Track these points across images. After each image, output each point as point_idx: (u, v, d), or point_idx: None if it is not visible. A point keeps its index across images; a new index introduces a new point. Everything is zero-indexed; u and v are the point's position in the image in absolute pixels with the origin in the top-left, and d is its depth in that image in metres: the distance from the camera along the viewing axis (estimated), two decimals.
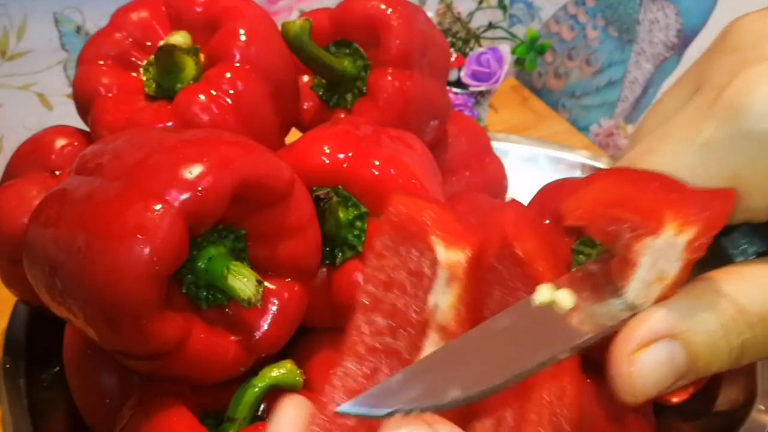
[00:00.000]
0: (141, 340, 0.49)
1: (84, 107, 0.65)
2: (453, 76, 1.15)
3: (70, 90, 1.08)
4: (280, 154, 0.61)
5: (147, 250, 0.46)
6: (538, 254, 0.37)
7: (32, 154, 0.67)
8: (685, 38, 1.10)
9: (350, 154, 0.60)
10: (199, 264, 0.52)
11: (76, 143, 0.67)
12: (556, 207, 0.41)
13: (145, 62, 0.66)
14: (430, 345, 0.33)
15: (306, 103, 0.73)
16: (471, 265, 0.35)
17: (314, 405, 0.33)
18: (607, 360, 0.31)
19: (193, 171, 0.48)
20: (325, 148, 0.61)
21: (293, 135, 0.69)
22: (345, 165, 0.60)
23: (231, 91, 0.61)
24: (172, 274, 0.49)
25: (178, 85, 0.63)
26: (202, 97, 0.61)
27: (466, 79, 1.15)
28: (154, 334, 0.49)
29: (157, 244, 0.46)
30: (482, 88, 1.15)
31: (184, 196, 0.48)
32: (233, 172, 0.50)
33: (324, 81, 0.73)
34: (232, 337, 0.54)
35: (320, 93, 0.73)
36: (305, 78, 0.74)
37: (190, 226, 0.48)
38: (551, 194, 0.68)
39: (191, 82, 0.64)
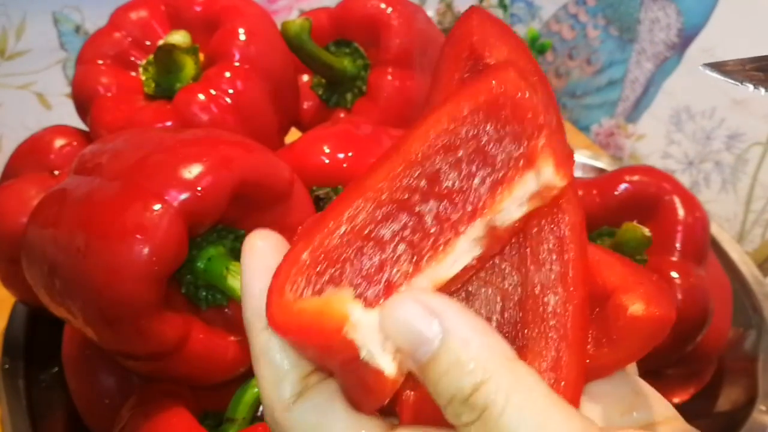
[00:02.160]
0: (140, 340, 0.49)
1: (83, 107, 0.65)
2: None
3: (69, 89, 1.08)
4: (279, 153, 0.61)
5: (146, 250, 0.46)
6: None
7: (31, 154, 0.67)
8: (686, 37, 1.10)
9: (350, 154, 0.60)
10: (198, 264, 0.52)
11: (75, 143, 0.67)
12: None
13: (144, 62, 0.66)
14: (469, 238, 0.29)
15: (306, 103, 0.73)
16: (558, 200, 0.31)
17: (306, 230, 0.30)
18: None
19: (192, 171, 0.48)
20: (325, 147, 0.61)
21: (293, 135, 0.70)
22: (345, 165, 0.60)
23: (230, 91, 0.61)
24: (172, 274, 0.49)
25: (178, 85, 0.63)
26: (201, 96, 0.61)
27: None
28: (153, 334, 0.48)
29: (156, 244, 0.46)
30: None
31: (184, 196, 0.48)
32: (233, 172, 0.50)
33: (324, 80, 0.72)
34: (232, 338, 0.54)
35: (320, 92, 0.73)
36: (305, 77, 0.74)
37: (189, 226, 0.48)
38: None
39: (190, 81, 0.63)
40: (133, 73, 0.66)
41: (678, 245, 0.63)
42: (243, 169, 0.50)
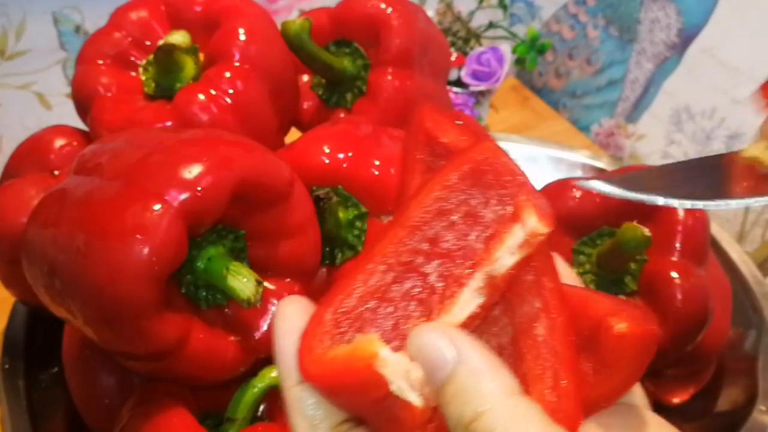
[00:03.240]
0: (140, 340, 0.49)
1: (83, 107, 0.65)
2: (453, 75, 1.15)
3: (69, 89, 1.08)
4: (279, 153, 0.61)
5: (146, 250, 0.46)
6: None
7: (31, 154, 0.67)
8: (686, 38, 1.10)
9: (350, 154, 0.60)
10: (198, 264, 0.52)
11: (75, 143, 0.67)
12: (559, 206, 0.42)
13: (144, 62, 0.66)
14: (471, 288, 0.33)
15: (306, 103, 0.73)
16: (542, 246, 0.35)
17: (329, 297, 0.33)
18: None
19: (192, 171, 0.48)
20: (325, 147, 0.60)
21: (293, 135, 0.69)
22: (345, 165, 0.60)
23: (230, 91, 0.61)
24: (172, 274, 0.49)
25: (178, 85, 0.63)
26: (201, 96, 0.61)
27: (466, 79, 1.15)
28: (153, 334, 0.48)
29: (157, 244, 0.46)
30: (482, 87, 1.14)
31: (184, 196, 0.47)
32: (233, 172, 0.50)
33: (324, 80, 0.72)
34: (232, 338, 0.54)
35: (320, 92, 0.73)
36: (305, 77, 0.74)
37: (189, 226, 0.48)
38: (552, 194, 0.68)
39: (190, 81, 0.63)
40: (133, 73, 0.65)
41: (678, 245, 0.63)
42: (243, 169, 0.50)
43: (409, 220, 0.34)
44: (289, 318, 0.34)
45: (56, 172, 0.65)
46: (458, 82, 1.15)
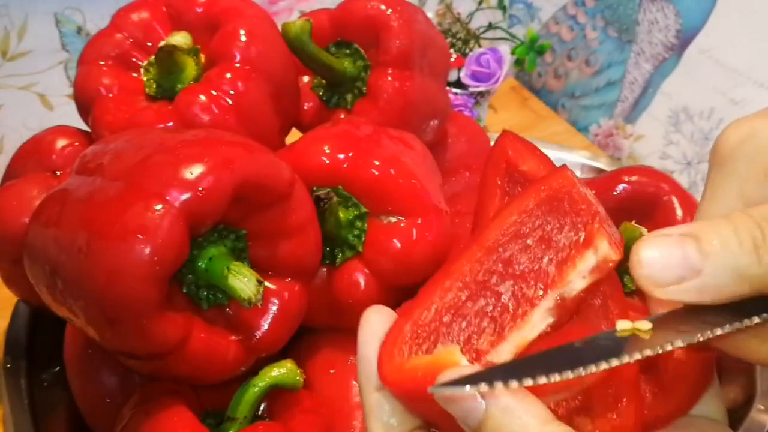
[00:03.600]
0: (142, 340, 0.49)
1: (85, 107, 0.65)
2: (453, 76, 1.16)
3: (70, 90, 1.08)
4: (280, 154, 0.61)
5: (148, 250, 0.46)
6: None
7: (33, 155, 0.67)
8: (684, 39, 1.10)
9: (350, 154, 0.60)
10: (199, 264, 0.52)
11: (76, 143, 0.67)
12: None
13: (145, 62, 0.66)
14: (542, 309, 0.35)
15: (306, 104, 0.73)
16: (611, 272, 0.36)
17: (408, 314, 0.35)
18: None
19: (193, 171, 0.48)
20: (326, 148, 0.60)
21: (293, 135, 0.69)
22: (345, 165, 0.60)
23: (231, 92, 0.61)
24: (173, 274, 0.49)
25: (179, 86, 0.63)
26: (202, 97, 0.61)
27: (465, 80, 1.16)
28: (154, 334, 0.49)
29: (158, 244, 0.46)
30: (482, 88, 1.15)
31: (185, 196, 0.48)
32: (234, 173, 0.50)
33: (324, 81, 0.72)
34: (233, 337, 0.54)
35: (320, 93, 0.73)
36: (305, 78, 0.74)
37: (190, 226, 0.48)
38: None
39: (192, 82, 0.64)
40: (135, 74, 0.66)
41: None
42: (244, 169, 0.51)
43: (486, 241, 0.36)
44: (373, 326, 0.35)
45: (58, 173, 0.65)
46: (458, 83, 1.16)
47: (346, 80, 0.70)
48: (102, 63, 0.65)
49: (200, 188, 0.48)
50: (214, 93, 0.61)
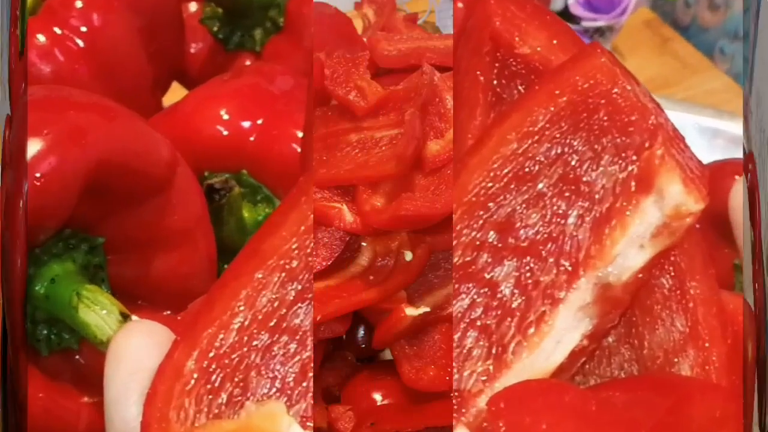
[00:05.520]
0: None
1: None
2: (558, 4, 0.98)
3: None
4: (155, 121, 0.55)
5: None
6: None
7: None
8: None
9: (260, 122, 0.54)
10: (36, 288, 0.46)
11: None
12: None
13: None
14: (570, 307, 0.26)
15: (194, 45, 0.66)
16: (691, 235, 0.27)
17: None
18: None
19: (27, 149, 0.42)
20: (222, 112, 0.54)
21: (175, 93, 0.63)
22: (252, 138, 0.53)
23: (83, 28, 0.55)
24: None
25: None
26: (41, 37, 0.55)
27: (576, 8, 0.98)
28: None
29: None
30: (601, 22, 0.97)
31: None
32: (85, 151, 0.44)
33: (220, 10, 0.65)
34: (85, 398, 0.47)
35: (215, 28, 0.66)
36: (192, 6, 0.67)
37: None
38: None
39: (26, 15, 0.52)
40: None
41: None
42: (100, 145, 0.44)
43: (465, 192, 0.26)
44: (129, 364, 0.26)
45: None
46: (565, 13, 0.98)
47: (252, 7, 0.63)
48: None
49: (37, 174, 0.43)
50: (58, 30, 0.54)
